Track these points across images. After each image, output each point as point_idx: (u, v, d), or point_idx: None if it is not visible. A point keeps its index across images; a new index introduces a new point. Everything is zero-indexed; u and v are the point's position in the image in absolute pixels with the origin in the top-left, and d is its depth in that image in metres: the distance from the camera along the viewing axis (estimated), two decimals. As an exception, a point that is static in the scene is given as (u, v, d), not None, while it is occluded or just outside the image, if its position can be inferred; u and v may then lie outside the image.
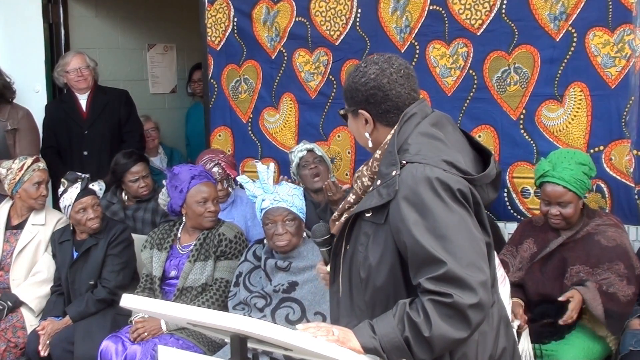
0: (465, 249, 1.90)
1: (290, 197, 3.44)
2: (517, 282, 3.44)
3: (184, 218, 3.87)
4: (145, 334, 3.58)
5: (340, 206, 2.22)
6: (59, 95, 5.41)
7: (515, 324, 3.18)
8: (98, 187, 4.09)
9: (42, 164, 4.28)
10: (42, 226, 4.27)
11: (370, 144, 2.16)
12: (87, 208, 3.99)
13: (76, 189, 3.98)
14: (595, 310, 3.18)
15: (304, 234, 3.55)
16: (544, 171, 3.37)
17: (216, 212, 3.82)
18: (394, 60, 2.13)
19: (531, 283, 3.45)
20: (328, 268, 2.29)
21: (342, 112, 2.23)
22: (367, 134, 2.15)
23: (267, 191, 3.46)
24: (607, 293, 3.22)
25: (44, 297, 4.17)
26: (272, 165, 3.57)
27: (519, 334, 3.16)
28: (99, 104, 5.10)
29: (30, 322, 4.09)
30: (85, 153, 5.03)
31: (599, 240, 3.33)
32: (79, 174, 4.10)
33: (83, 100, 5.08)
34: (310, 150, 4.06)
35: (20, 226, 4.30)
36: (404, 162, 1.99)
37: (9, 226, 4.32)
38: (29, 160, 4.24)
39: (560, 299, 3.20)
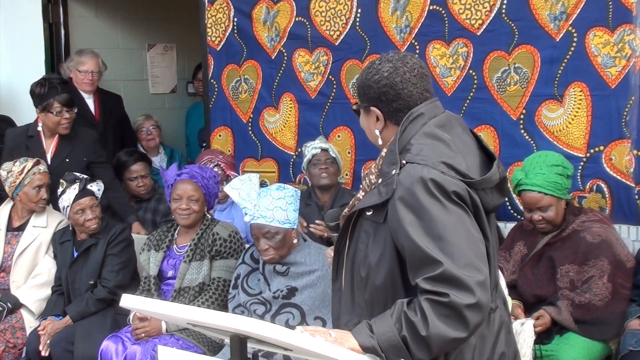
0: (463, 249, 1.90)
1: (270, 212, 3.30)
2: (512, 284, 3.48)
3: None
4: (143, 334, 3.58)
5: (350, 203, 2.22)
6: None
7: (530, 322, 3.22)
8: (96, 187, 4.08)
9: (42, 167, 4.25)
10: (43, 228, 4.25)
11: (380, 142, 2.16)
12: (86, 209, 3.99)
13: (74, 190, 3.98)
14: (569, 326, 3.30)
15: (300, 239, 3.48)
16: (518, 180, 3.40)
17: (189, 210, 3.75)
18: (408, 59, 2.13)
19: (526, 286, 3.47)
20: None
21: (354, 107, 2.23)
22: (377, 131, 2.15)
23: (250, 204, 3.36)
24: (580, 306, 3.30)
25: (43, 300, 4.15)
26: (254, 176, 3.45)
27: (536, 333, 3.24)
28: (107, 108, 5.15)
29: (30, 322, 4.09)
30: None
31: (584, 237, 3.35)
32: (77, 174, 4.09)
33: (89, 100, 5.09)
34: (324, 150, 4.04)
35: (21, 228, 4.28)
36: (404, 162, 1.99)
37: (10, 228, 4.30)
38: (30, 163, 4.21)
39: (530, 319, 3.29)
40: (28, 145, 4.49)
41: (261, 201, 3.33)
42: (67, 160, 4.42)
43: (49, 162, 4.45)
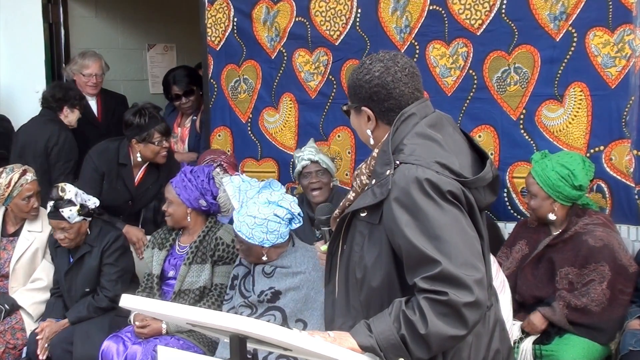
0: (460, 248, 1.91)
1: (250, 230, 3.32)
2: None
3: None
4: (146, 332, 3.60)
5: (341, 204, 2.22)
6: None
7: (517, 326, 3.23)
8: (69, 213, 3.88)
9: (29, 177, 4.14)
10: (38, 233, 4.20)
11: (371, 141, 2.16)
12: (57, 230, 3.92)
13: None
14: (563, 326, 3.31)
15: (289, 244, 3.46)
16: (531, 158, 3.51)
17: (167, 213, 3.81)
18: (399, 58, 2.12)
19: (525, 287, 3.46)
20: (325, 247, 2.30)
21: (345, 107, 2.23)
22: (369, 131, 2.15)
23: (238, 204, 3.44)
24: (576, 309, 3.30)
25: (41, 303, 4.13)
26: (254, 183, 3.47)
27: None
28: (109, 109, 5.15)
29: (30, 324, 4.08)
30: None
31: (586, 240, 3.35)
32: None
33: (92, 101, 5.10)
34: (314, 162, 3.96)
35: (17, 233, 4.23)
36: (398, 162, 1.99)
37: (4, 234, 4.25)
38: (16, 175, 4.10)
39: (523, 324, 3.34)
40: (120, 172, 4.32)
41: (245, 216, 3.35)
42: (150, 187, 4.29)
43: (134, 190, 4.36)
